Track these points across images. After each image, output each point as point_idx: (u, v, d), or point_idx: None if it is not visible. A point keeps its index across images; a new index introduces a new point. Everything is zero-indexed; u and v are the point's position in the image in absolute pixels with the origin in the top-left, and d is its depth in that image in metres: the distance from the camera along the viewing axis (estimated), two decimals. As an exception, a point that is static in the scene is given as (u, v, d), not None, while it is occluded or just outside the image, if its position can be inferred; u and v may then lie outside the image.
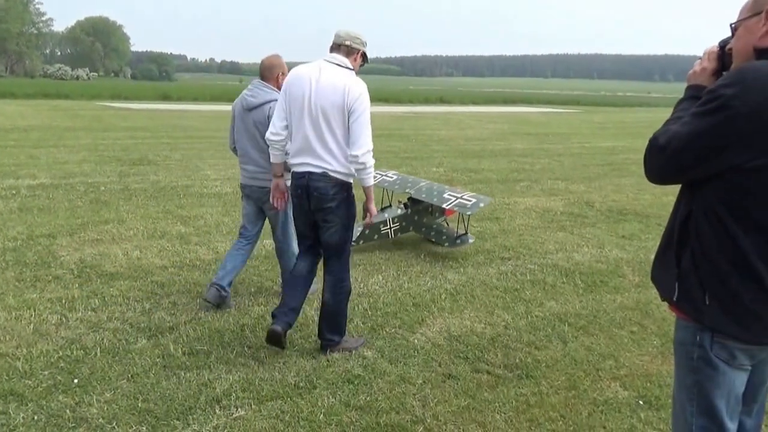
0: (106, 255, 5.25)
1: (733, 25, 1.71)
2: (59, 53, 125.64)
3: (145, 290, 4.47)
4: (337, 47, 3.36)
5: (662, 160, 1.66)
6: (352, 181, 3.40)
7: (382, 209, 5.83)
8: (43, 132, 15.03)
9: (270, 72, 4.01)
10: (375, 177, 5.27)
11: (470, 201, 5.51)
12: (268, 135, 3.47)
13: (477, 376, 3.38)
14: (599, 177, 10.92)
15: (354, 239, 4.58)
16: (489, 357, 3.61)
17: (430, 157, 13.29)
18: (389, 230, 5.77)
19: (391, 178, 6.25)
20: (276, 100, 3.69)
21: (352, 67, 3.34)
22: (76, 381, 3.12)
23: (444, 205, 5.61)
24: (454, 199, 5.59)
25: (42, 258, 5.09)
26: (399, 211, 5.88)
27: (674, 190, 1.83)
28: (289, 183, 3.61)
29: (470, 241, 5.75)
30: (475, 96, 57.06)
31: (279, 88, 3.83)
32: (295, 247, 3.99)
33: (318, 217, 3.41)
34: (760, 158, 1.51)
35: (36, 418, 2.79)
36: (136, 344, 3.57)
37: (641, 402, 3.17)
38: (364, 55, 3.44)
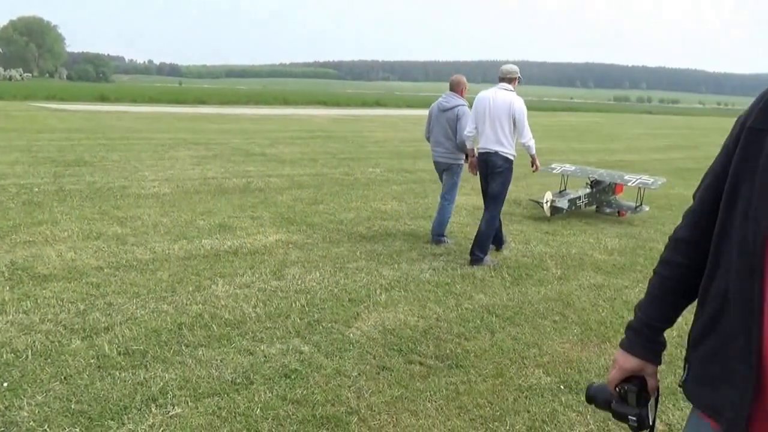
0: (39, 256, 5.12)
1: None
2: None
3: (80, 291, 4.40)
4: (502, 78, 5.62)
5: None
6: (512, 158, 5.54)
7: (560, 192, 8.27)
8: (-30, 132, 14.31)
9: (457, 86, 6.14)
10: (555, 168, 8.73)
11: (650, 180, 7.85)
12: (465, 132, 5.73)
13: (410, 367, 3.51)
14: (526, 176, 11.16)
15: (566, 207, 7.64)
16: (421, 348, 3.76)
17: (366, 158, 13.51)
18: (582, 204, 7.96)
19: (571, 168, 8.75)
20: (461, 105, 5.98)
21: (513, 89, 5.58)
22: (5, 384, 3.06)
23: (629, 185, 7.86)
24: (635, 179, 7.88)
25: (-32, 262, 4.92)
26: (587, 190, 8.11)
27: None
28: (462, 163, 6.12)
29: (646, 209, 7.99)
30: (411, 100, 58.05)
31: (462, 97, 6.10)
32: (452, 206, 6.26)
33: (490, 178, 5.59)
34: None
35: (-37, 422, 2.73)
36: (69, 345, 3.53)
37: (562, 387, 3.36)
38: (519, 78, 5.65)
